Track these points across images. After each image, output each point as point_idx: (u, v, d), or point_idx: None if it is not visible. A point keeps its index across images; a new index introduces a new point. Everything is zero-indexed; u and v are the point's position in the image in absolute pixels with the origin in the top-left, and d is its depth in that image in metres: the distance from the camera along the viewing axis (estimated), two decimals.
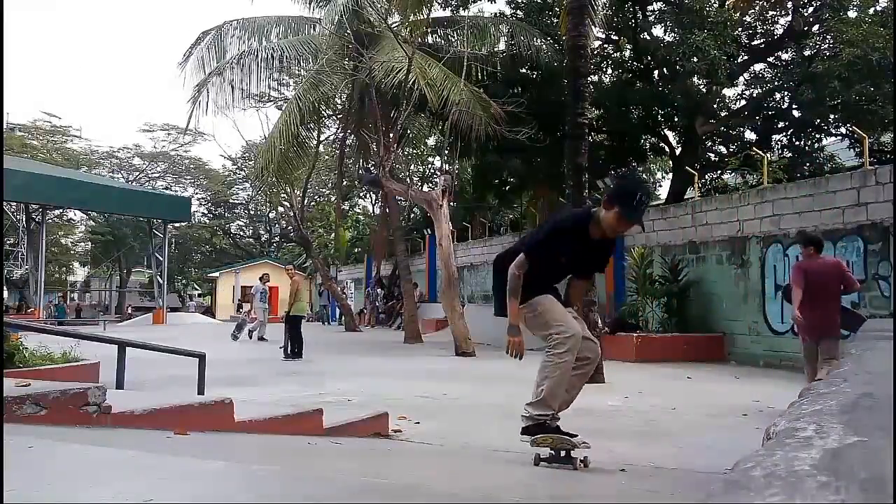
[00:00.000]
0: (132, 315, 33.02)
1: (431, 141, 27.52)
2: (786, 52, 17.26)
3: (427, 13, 15.84)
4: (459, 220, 22.36)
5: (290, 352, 12.39)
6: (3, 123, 29.05)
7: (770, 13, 17.09)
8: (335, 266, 33.15)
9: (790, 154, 17.07)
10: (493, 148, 17.08)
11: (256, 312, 18.05)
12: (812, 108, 15.27)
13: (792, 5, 16.13)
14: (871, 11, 14.89)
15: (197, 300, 49.17)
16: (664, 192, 21.45)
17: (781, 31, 16.89)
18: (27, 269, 29.99)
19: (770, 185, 12.24)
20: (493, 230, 24.68)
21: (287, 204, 28.23)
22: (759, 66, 17.88)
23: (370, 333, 21.84)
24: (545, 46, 16.59)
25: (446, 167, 17.46)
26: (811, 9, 16.12)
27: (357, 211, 37.73)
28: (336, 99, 19.75)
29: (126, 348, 5.88)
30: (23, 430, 2.86)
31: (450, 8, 18.80)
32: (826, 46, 15.81)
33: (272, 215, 47.70)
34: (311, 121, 19.39)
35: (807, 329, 6.48)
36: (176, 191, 42.17)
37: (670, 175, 21.67)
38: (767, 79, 17.56)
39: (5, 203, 27.22)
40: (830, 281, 6.43)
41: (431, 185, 24.47)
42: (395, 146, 16.69)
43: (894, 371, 2.01)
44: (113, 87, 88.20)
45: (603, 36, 17.79)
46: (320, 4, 19.62)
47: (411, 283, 18.42)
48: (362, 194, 35.02)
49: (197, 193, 45.41)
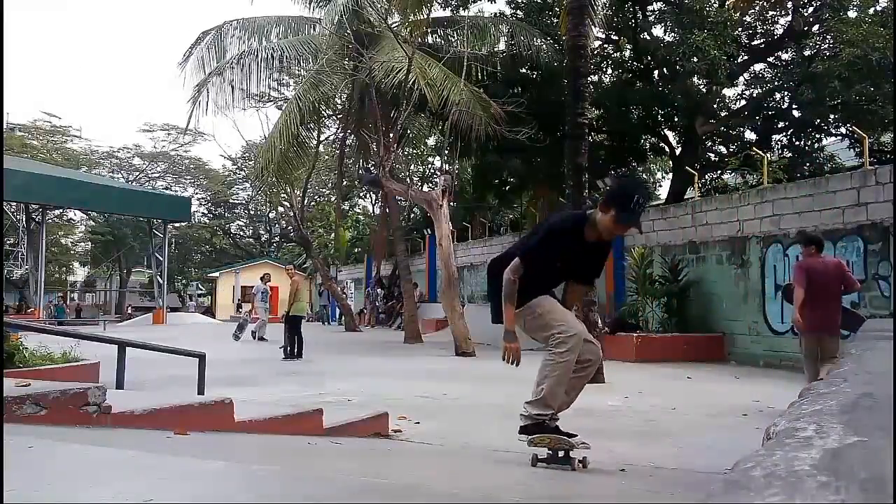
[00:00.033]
0: (132, 315, 33.03)
1: (431, 141, 27.52)
2: (786, 52, 17.27)
3: (427, 13, 15.83)
4: (459, 220, 22.36)
5: (290, 352, 12.39)
6: (3, 123, 29.06)
7: (770, 13, 17.09)
8: (335, 266, 33.16)
9: (790, 154, 17.07)
10: (493, 148, 17.09)
11: (258, 312, 18.10)
12: (812, 108, 15.28)
13: (792, 5, 16.13)
14: (871, 11, 14.89)
15: (198, 300, 49.16)
16: (664, 192, 21.46)
17: (781, 31, 16.90)
18: (27, 269, 29.98)
19: (770, 185, 12.24)
20: (493, 230, 24.68)
21: (287, 204, 28.24)
22: (759, 66, 17.89)
23: (370, 333, 21.84)
24: (545, 46, 16.59)
25: (446, 167, 17.46)
26: (811, 9, 16.12)
27: (357, 211, 37.73)
28: (336, 99, 19.76)
29: (126, 348, 5.88)
30: (23, 430, 2.86)
31: (450, 8, 18.81)
32: (826, 46, 15.81)
33: (272, 215, 47.69)
34: (311, 121, 19.39)
35: (808, 328, 6.49)
36: (176, 191, 42.16)
37: (670, 175, 21.67)
38: (767, 79, 17.57)
39: (5, 203, 27.22)
40: (831, 281, 6.46)
41: (431, 185, 24.47)
42: (395, 146, 16.69)
43: (894, 371, 2.01)
44: (113, 87, 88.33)
45: (603, 36, 17.80)
46: (320, 4, 19.62)
47: (411, 283, 18.42)
48: (362, 194, 35.03)
49: (197, 193, 45.42)
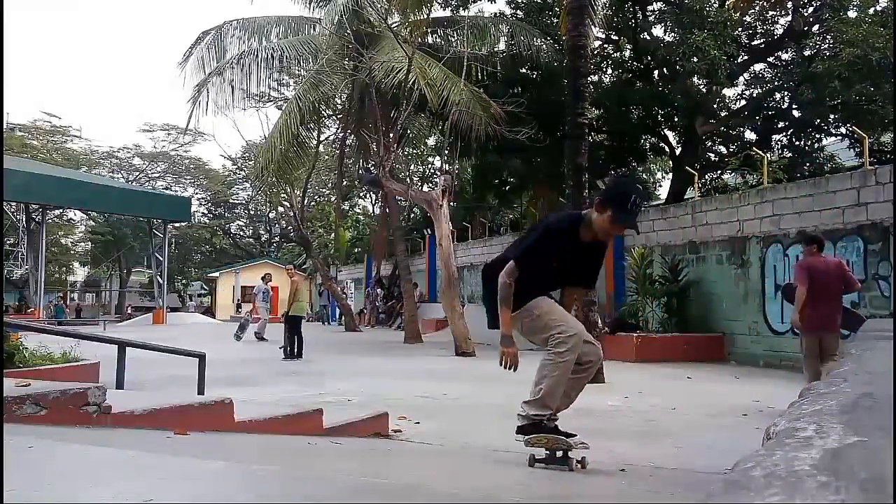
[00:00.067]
0: (132, 315, 33.03)
1: (431, 141, 27.52)
2: (786, 52, 17.27)
3: (427, 13, 15.83)
4: (459, 220, 22.36)
5: (290, 352, 12.39)
6: (3, 123, 29.06)
7: (770, 13, 17.09)
8: (335, 266, 33.16)
9: (790, 154, 17.07)
10: (493, 148, 17.09)
11: (260, 312, 18.13)
12: (812, 108, 15.28)
13: (792, 5, 16.13)
14: (871, 11, 14.89)
15: (198, 300, 49.15)
16: (664, 192, 21.48)
17: (781, 31, 16.90)
18: (27, 269, 29.97)
19: (770, 185, 12.24)
20: (493, 230, 24.67)
21: (287, 204, 28.23)
22: (759, 66, 17.89)
23: (370, 333, 21.84)
24: (545, 46, 16.59)
25: (446, 167, 17.46)
26: (811, 9, 16.12)
27: (357, 211, 37.73)
28: (336, 99, 19.76)
29: (126, 348, 5.88)
30: (23, 430, 2.86)
31: (450, 8, 18.81)
32: (826, 46, 15.81)
33: (272, 215, 47.69)
34: (311, 121, 19.39)
35: (809, 327, 6.53)
36: (176, 191, 42.15)
37: (670, 175, 21.67)
38: (767, 79, 17.57)
39: (5, 203, 27.21)
40: (832, 280, 6.51)
41: (431, 185, 24.45)
42: (395, 146, 16.69)
43: (894, 371, 2.01)
44: (113, 87, 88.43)
45: (603, 36, 17.80)
46: (320, 4, 19.62)
47: (411, 283, 18.42)
48: (362, 194, 35.03)
49: (197, 193, 45.42)
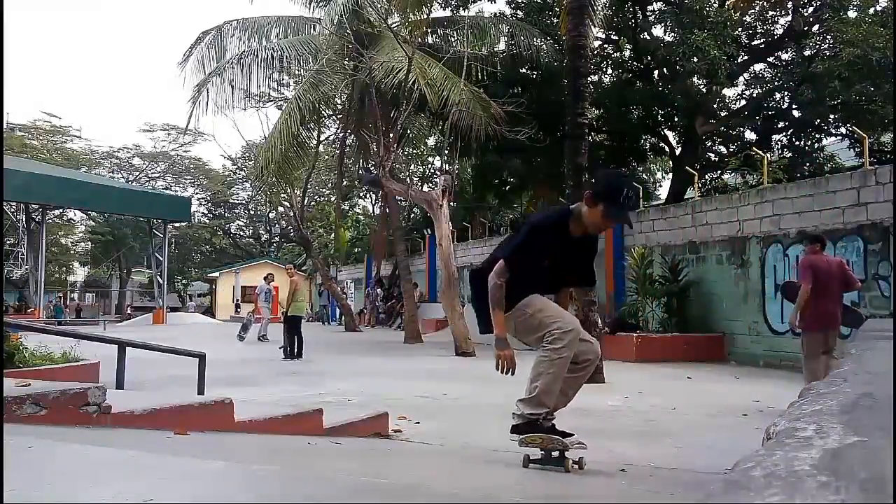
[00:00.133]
0: (132, 315, 33.01)
1: (431, 141, 27.53)
2: (786, 52, 17.29)
3: (427, 13, 15.84)
4: (459, 220, 22.36)
5: (290, 352, 12.39)
6: (3, 123, 29.06)
7: (770, 13, 17.11)
8: (335, 266, 33.16)
9: (790, 154, 17.09)
10: (493, 148, 17.09)
11: (262, 311, 18.16)
12: (812, 108, 15.29)
13: (792, 5, 16.14)
14: (871, 11, 14.91)
15: (198, 300, 49.14)
16: (664, 192, 21.47)
17: (781, 31, 16.92)
18: (27, 269, 29.97)
19: (770, 185, 12.24)
20: (493, 230, 24.67)
21: (287, 204, 28.23)
22: (759, 66, 17.90)
23: (370, 333, 21.83)
24: (545, 46, 16.60)
25: (446, 167, 17.46)
26: (811, 9, 16.14)
27: (357, 211, 37.74)
28: (336, 99, 19.76)
29: (126, 348, 5.87)
30: (23, 430, 2.86)
31: (450, 8, 18.82)
32: (826, 46, 15.83)
33: (272, 215, 47.69)
34: (311, 121, 19.39)
35: (811, 326, 6.59)
36: (176, 191, 42.14)
37: (670, 175, 21.68)
38: (767, 79, 17.58)
39: (5, 203, 27.21)
40: (834, 278, 6.63)
41: (431, 185, 24.46)
42: (395, 146, 16.69)
43: (894, 371, 2.01)
44: (113, 87, 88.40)
45: (603, 36, 17.82)
46: (320, 4, 19.62)
47: (411, 283, 18.41)
48: (362, 194, 35.03)
49: (197, 193, 45.41)
